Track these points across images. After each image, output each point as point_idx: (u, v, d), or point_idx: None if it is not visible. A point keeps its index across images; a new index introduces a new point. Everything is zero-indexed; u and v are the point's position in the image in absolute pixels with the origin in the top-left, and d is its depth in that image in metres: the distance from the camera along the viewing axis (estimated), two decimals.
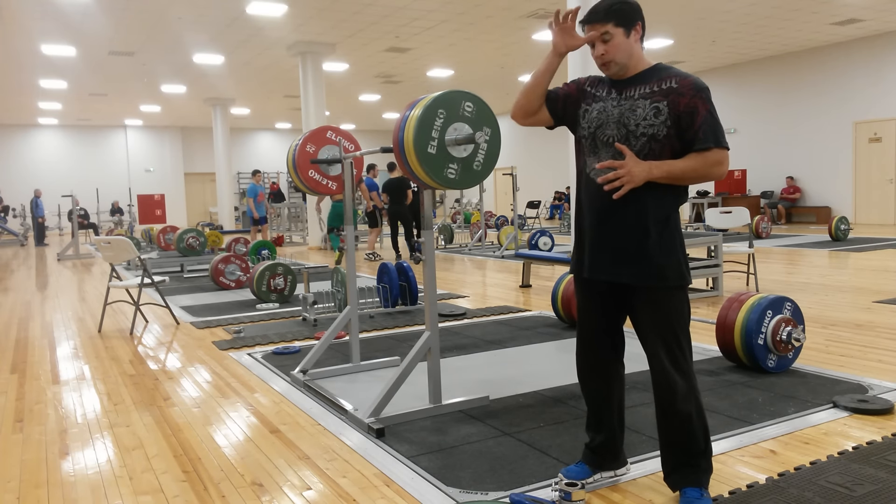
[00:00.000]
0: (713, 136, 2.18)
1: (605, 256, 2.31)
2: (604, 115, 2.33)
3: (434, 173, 3.11)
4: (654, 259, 2.24)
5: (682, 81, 2.21)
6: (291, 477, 2.76)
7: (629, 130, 2.26)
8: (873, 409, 3.19)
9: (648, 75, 2.29)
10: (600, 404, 2.50)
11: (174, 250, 12.69)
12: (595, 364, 2.48)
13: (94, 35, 12.33)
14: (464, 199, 21.34)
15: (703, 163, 2.20)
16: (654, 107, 2.22)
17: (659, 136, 2.22)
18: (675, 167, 2.21)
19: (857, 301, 6.07)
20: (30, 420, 3.64)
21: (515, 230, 11.55)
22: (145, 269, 6.13)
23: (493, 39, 13.92)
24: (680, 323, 2.28)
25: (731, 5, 12.04)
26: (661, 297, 2.26)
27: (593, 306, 2.43)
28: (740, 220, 6.75)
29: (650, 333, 2.29)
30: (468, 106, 3.17)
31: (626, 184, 2.19)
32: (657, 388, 2.32)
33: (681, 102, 2.19)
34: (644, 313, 2.30)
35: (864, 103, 15.24)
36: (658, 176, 2.20)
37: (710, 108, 2.19)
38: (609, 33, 2.24)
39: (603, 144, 2.32)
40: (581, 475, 2.49)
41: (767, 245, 11.41)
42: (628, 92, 2.30)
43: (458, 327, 5.64)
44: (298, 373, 4.15)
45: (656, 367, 2.30)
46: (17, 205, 23.44)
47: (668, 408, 2.30)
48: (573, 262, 2.47)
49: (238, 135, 27.98)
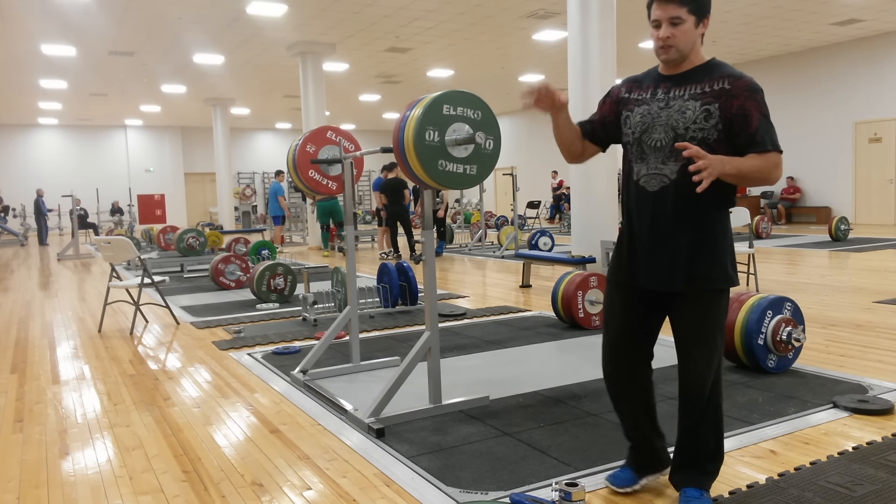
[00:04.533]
0: (770, 139, 2.10)
1: (658, 263, 2.22)
2: (648, 118, 2.22)
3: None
4: (705, 263, 2.18)
5: (736, 83, 2.11)
6: (291, 477, 2.76)
7: (678, 134, 2.15)
8: (873, 409, 3.19)
9: (701, 73, 2.18)
10: (635, 413, 2.41)
11: (174, 250, 12.70)
12: (627, 370, 2.38)
13: (94, 35, 12.33)
14: (464, 200, 21.34)
15: (765, 163, 2.09)
16: (704, 109, 2.13)
17: (709, 141, 2.12)
18: (744, 165, 2.07)
19: (857, 301, 6.07)
20: (30, 420, 3.64)
21: (515, 230, 11.55)
22: (145, 269, 6.13)
23: (493, 39, 13.91)
24: (720, 325, 2.24)
25: (731, 5, 12.04)
26: (707, 299, 2.21)
27: (627, 310, 2.33)
28: (740, 220, 6.75)
29: (690, 336, 2.23)
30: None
31: (709, 176, 1.99)
32: (688, 391, 2.26)
33: (733, 105, 2.10)
34: (687, 315, 2.23)
35: (864, 103, 15.24)
36: (728, 172, 2.05)
37: (764, 112, 2.11)
38: (681, 18, 2.11)
39: (651, 149, 2.21)
40: (627, 481, 2.43)
41: (767, 245, 11.41)
42: (677, 91, 2.19)
43: (458, 327, 5.64)
44: (298, 373, 4.15)
45: (690, 370, 2.24)
46: (17, 205, 23.45)
47: (693, 412, 2.27)
48: (613, 266, 2.37)
49: (238, 135, 27.97)
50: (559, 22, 12.67)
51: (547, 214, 23.53)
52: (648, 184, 2.23)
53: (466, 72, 17.32)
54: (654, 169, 2.21)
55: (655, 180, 2.21)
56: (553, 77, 18.86)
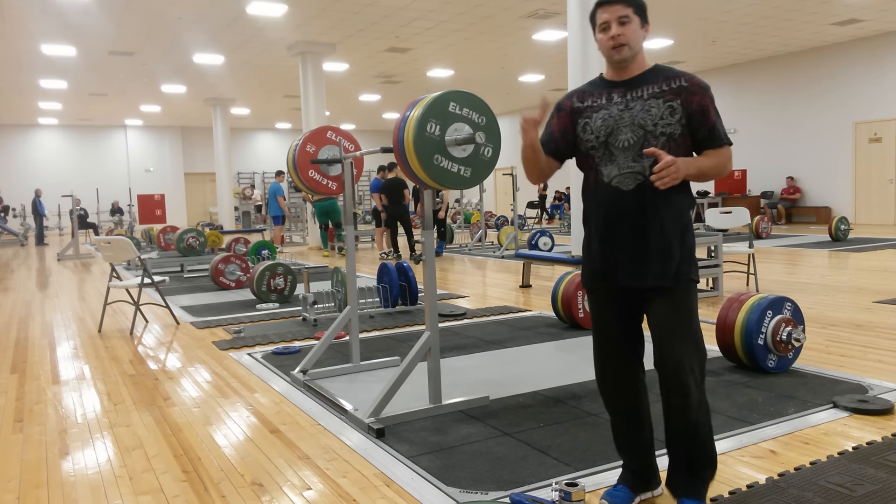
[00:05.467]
0: (723, 133, 2.24)
1: (640, 259, 2.24)
2: (611, 120, 2.27)
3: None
4: (675, 259, 2.23)
5: (691, 80, 2.22)
6: (291, 477, 2.76)
7: (647, 131, 2.22)
8: (873, 409, 3.19)
9: (652, 75, 2.27)
10: (630, 420, 2.40)
11: (174, 250, 12.70)
12: (618, 372, 2.38)
13: (94, 35, 12.33)
14: (464, 200, 21.34)
15: (720, 159, 2.23)
16: (668, 106, 2.21)
17: (676, 135, 2.21)
18: (704, 163, 2.21)
19: (857, 301, 6.07)
20: (30, 420, 3.64)
21: (515, 230, 11.56)
22: (145, 269, 6.13)
23: (493, 39, 13.92)
24: (696, 320, 2.26)
25: (731, 5, 12.04)
26: (679, 293, 2.24)
27: (611, 313, 2.35)
28: (740, 220, 6.75)
29: (671, 332, 2.23)
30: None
31: (674, 180, 2.12)
32: (671, 394, 2.24)
33: (693, 101, 2.20)
34: (666, 312, 2.24)
35: (864, 103, 15.24)
36: (691, 173, 2.18)
37: (716, 108, 2.24)
38: (628, 17, 2.21)
39: (620, 150, 2.25)
40: (625, 499, 2.37)
41: (767, 245, 11.41)
42: (635, 93, 2.26)
43: (458, 327, 5.64)
44: (298, 373, 4.15)
45: (671, 371, 2.22)
46: (17, 205, 23.45)
47: (679, 415, 2.25)
48: (585, 273, 2.40)
49: (238, 135, 27.98)
50: (559, 22, 12.67)
51: (547, 215, 23.53)
52: (623, 183, 2.25)
53: (466, 72, 17.32)
54: (627, 168, 2.24)
55: (630, 179, 2.24)
56: (553, 77, 18.86)
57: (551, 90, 20.79)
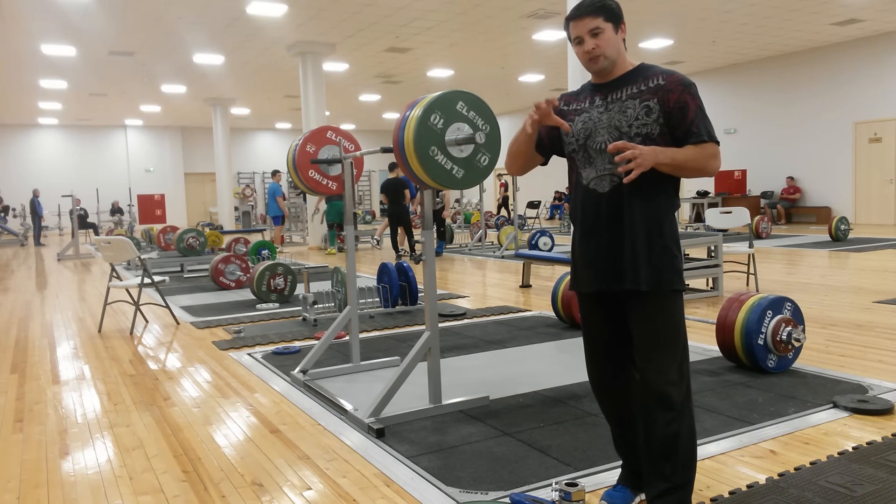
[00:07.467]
0: (706, 130, 2.17)
1: (606, 265, 2.23)
2: (590, 123, 2.27)
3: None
4: (654, 263, 2.19)
5: (670, 78, 2.19)
6: (291, 477, 2.76)
7: (622, 133, 2.21)
8: (873, 409, 3.19)
9: (633, 76, 2.25)
10: (624, 422, 2.38)
11: (174, 250, 12.69)
12: (608, 375, 2.36)
13: (94, 35, 12.33)
14: (464, 200, 21.34)
15: (701, 154, 2.16)
16: (644, 105, 2.19)
17: (653, 135, 2.18)
18: (679, 154, 2.15)
19: (857, 301, 6.07)
20: (30, 420, 3.64)
21: (515, 230, 11.56)
22: (145, 269, 6.13)
23: (493, 39, 13.92)
24: (681, 330, 2.21)
25: (731, 5, 12.04)
26: (659, 301, 2.19)
27: (599, 318, 2.34)
28: (740, 220, 6.75)
29: (649, 340, 2.18)
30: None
31: (639, 166, 2.06)
32: (650, 403, 2.17)
33: (670, 98, 2.17)
34: (644, 319, 2.20)
35: (864, 103, 15.24)
36: (663, 161, 2.12)
37: (699, 104, 2.18)
38: (599, 27, 2.20)
39: (597, 152, 2.26)
40: (624, 500, 2.36)
41: (767, 245, 11.41)
42: (615, 95, 2.25)
43: (458, 327, 5.64)
44: (298, 373, 4.15)
45: (651, 379, 2.16)
46: (17, 205, 23.45)
47: (657, 427, 2.16)
48: (572, 276, 2.39)
49: (238, 135, 27.98)
50: (559, 22, 12.67)
51: (547, 214, 23.52)
52: (599, 185, 2.25)
53: (466, 72, 17.32)
54: (604, 170, 2.24)
55: (606, 181, 2.24)
56: (553, 77, 18.86)
57: (551, 90, 20.80)
